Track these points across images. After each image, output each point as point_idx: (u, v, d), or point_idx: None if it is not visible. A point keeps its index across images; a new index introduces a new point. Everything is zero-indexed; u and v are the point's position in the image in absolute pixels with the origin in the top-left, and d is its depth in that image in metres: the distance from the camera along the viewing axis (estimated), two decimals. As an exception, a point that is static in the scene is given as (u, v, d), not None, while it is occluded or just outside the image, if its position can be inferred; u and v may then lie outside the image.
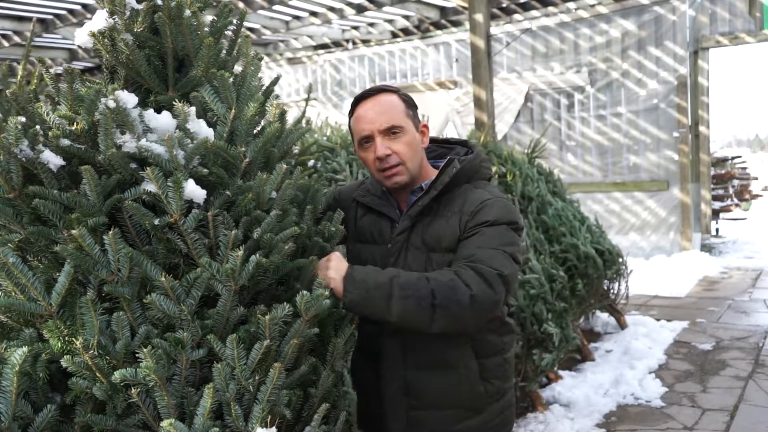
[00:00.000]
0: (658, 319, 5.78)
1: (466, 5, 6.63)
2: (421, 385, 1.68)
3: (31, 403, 1.21)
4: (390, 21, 9.33)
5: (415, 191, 1.72)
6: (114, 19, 1.50)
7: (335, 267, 1.52)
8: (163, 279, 1.26)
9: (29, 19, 7.46)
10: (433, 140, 1.86)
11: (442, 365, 1.67)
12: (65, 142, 1.36)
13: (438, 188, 1.66)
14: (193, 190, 1.33)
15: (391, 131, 1.65)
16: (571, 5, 8.52)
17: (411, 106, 1.73)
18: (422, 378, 1.68)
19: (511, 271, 1.53)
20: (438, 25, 9.33)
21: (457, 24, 9.15)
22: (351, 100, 1.75)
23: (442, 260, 1.63)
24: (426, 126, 1.77)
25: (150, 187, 1.31)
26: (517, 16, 8.86)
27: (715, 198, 10.29)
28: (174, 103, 1.43)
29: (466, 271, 1.49)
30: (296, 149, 2.73)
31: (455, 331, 1.55)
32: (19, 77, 1.61)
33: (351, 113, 1.73)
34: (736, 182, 11.31)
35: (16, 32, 7.84)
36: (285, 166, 1.50)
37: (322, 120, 4.69)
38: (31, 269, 1.25)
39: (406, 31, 9.70)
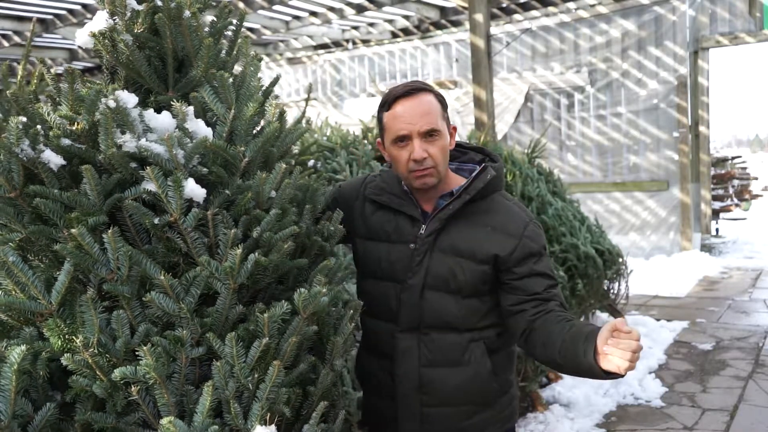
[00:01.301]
0: (658, 319, 5.78)
1: (466, 5, 6.64)
2: (435, 382, 1.69)
3: (31, 401, 1.21)
4: (390, 21, 9.34)
5: (444, 196, 1.71)
6: (114, 19, 1.51)
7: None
8: (162, 277, 1.26)
9: (29, 19, 7.47)
10: None
11: (457, 362, 1.68)
12: (66, 141, 1.37)
13: (471, 193, 1.67)
14: (193, 189, 1.34)
15: (430, 134, 1.64)
16: (571, 5, 8.52)
17: (445, 107, 1.72)
18: (437, 375, 1.69)
19: None
20: (438, 25, 9.34)
21: (457, 24, 9.15)
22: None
23: (476, 269, 1.65)
24: (455, 128, 1.75)
25: (150, 186, 1.32)
26: (517, 16, 8.87)
27: (715, 198, 10.29)
28: (172, 103, 1.43)
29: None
30: (296, 149, 2.74)
31: None
32: (19, 77, 1.62)
33: (386, 107, 1.68)
34: (736, 182, 11.32)
35: (16, 32, 7.85)
36: (284, 165, 1.50)
37: (322, 120, 4.69)
38: (32, 268, 1.26)
39: (406, 31, 9.70)
